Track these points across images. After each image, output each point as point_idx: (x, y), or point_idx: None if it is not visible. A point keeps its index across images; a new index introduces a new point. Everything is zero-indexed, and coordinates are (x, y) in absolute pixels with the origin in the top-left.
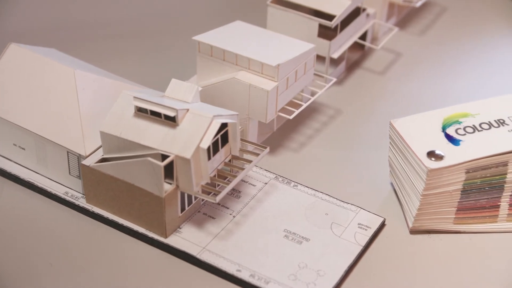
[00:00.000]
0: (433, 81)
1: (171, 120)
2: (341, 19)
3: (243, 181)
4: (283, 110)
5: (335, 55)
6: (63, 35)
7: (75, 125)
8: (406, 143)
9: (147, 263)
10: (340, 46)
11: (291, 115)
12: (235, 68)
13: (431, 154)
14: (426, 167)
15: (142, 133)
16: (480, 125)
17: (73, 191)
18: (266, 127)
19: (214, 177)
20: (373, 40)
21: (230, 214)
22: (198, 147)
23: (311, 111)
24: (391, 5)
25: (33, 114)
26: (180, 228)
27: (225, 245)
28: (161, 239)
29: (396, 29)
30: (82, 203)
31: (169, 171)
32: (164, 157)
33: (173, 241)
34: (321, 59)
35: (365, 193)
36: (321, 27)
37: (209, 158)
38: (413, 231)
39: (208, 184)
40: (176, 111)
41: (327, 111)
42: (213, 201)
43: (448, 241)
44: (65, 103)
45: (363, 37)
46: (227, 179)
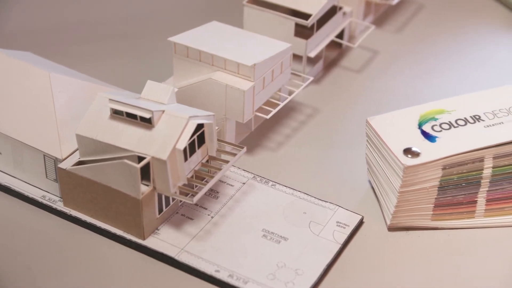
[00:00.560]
0: (410, 78)
1: (147, 121)
2: (318, 18)
3: (221, 181)
4: (260, 109)
5: (312, 54)
6: (38, 39)
7: (51, 128)
8: (382, 140)
9: (125, 265)
10: (317, 45)
11: (268, 115)
12: (212, 68)
13: (407, 151)
14: (402, 164)
15: (118, 135)
16: (456, 121)
17: (51, 195)
18: (244, 127)
19: (191, 178)
20: (351, 38)
21: (208, 214)
22: (174, 148)
23: (289, 110)
24: (368, 3)
25: (9, 118)
26: (158, 229)
27: (203, 246)
28: (139, 241)
29: (372, 27)
30: (59, 206)
31: (146, 173)
32: (140, 159)
33: (151, 242)
34: (298, 58)
35: (343, 191)
36: (298, 26)
37: (186, 159)
38: (391, 228)
39: (185, 185)
40: (151, 112)
41: (305, 110)
42: (190, 202)
43: (426, 238)
44: (41, 106)
45: (340, 36)
46: (204, 180)
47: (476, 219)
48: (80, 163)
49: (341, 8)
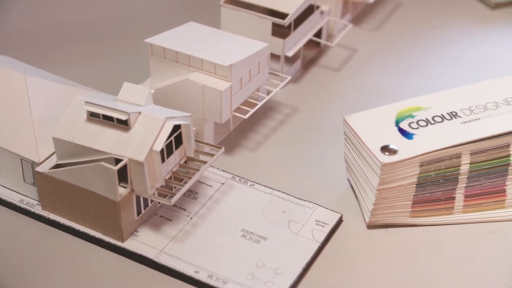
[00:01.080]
0: (389, 76)
1: (124, 123)
2: (295, 17)
3: (200, 182)
4: (238, 109)
5: (290, 53)
6: (14, 42)
7: (28, 132)
8: (360, 138)
9: (104, 268)
10: (294, 44)
11: (246, 115)
12: (188, 69)
13: (384, 148)
14: (380, 162)
15: (95, 137)
16: (433, 118)
17: (29, 199)
18: (222, 127)
19: (169, 179)
20: (329, 37)
21: (187, 215)
22: (151, 150)
23: (268, 109)
24: (346, 2)
25: None
26: (137, 231)
27: (182, 247)
28: (118, 243)
29: (350, 26)
30: (38, 210)
31: (123, 175)
32: (117, 161)
33: (130, 245)
34: (276, 57)
35: (322, 190)
36: (276, 25)
37: (163, 160)
38: (370, 226)
39: (163, 186)
40: (128, 114)
41: (283, 109)
42: (168, 203)
43: (405, 235)
44: (17, 110)
45: (318, 35)
46: (183, 181)
47: (454, 215)
48: (57, 166)
49: (318, 7)
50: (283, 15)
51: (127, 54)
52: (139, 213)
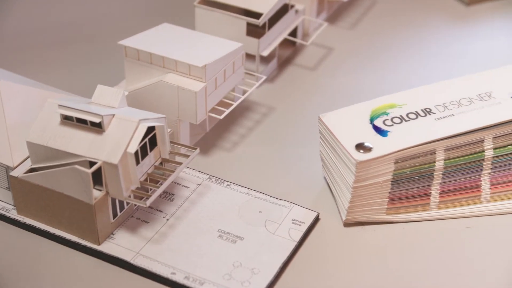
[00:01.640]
0: (364, 74)
1: (97, 126)
2: (269, 16)
3: (176, 183)
4: (214, 110)
5: (265, 53)
6: None
7: (1, 136)
8: (335, 136)
9: (81, 272)
10: (269, 43)
11: (221, 115)
12: (163, 70)
13: (359, 146)
14: (354, 160)
15: (68, 141)
16: (407, 115)
17: (4, 203)
18: (198, 128)
19: (145, 181)
20: (305, 36)
21: (163, 217)
22: (125, 152)
23: (244, 109)
24: (321, 1)
25: None
26: (113, 234)
27: (159, 249)
28: (94, 246)
29: (325, 24)
30: (13, 214)
31: (98, 178)
32: (92, 163)
33: (106, 248)
34: (252, 57)
35: (299, 189)
36: (251, 25)
37: (138, 162)
38: (347, 224)
39: (139, 188)
40: (101, 117)
41: (259, 109)
42: (144, 205)
43: (381, 232)
44: None
45: (294, 34)
46: (159, 183)
47: (430, 212)
48: (32, 170)
49: (293, 6)
50: (257, 15)
51: (102, 56)
52: (115, 215)
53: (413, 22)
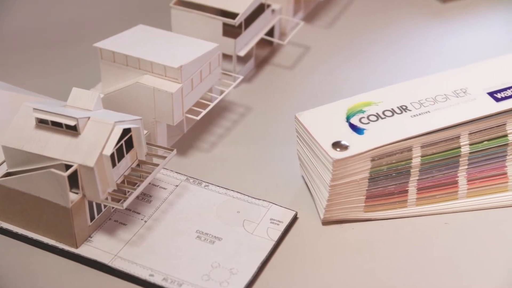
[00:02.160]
0: (342, 72)
1: (73, 129)
2: (245, 16)
3: (154, 185)
4: (191, 111)
5: (242, 53)
6: None
7: None
8: (311, 135)
9: (59, 275)
10: (246, 43)
11: (198, 116)
12: (139, 72)
13: (336, 144)
14: (331, 158)
15: (44, 144)
16: (383, 112)
17: None
18: (176, 129)
19: (122, 183)
20: (282, 35)
21: (141, 219)
22: (101, 155)
23: (222, 110)
24: (297, 0)
25: None
26: (91, 237)
27: (137, 251)
28: (72, 249)
29: (302, 23)
30: None
31: (75, 181)
32: (68, 167)
33: (84, 251)
34: (230, 58)
35: (277, 188)
36: (227, 26)
37: (114, 165)
38: (325, 222)
39: (116, 191)
40: (76, 120)
41: (237, 109)
42: (121, 208)
43: (360, 230)
44: None
45: (271, 33)
46: (136, 185)
47: (408, 208)
48: (8, 174)
49: (269, 5)
50: (233, 15)
51: (78, 59)
52: (92, 218)
53: (389, 20)
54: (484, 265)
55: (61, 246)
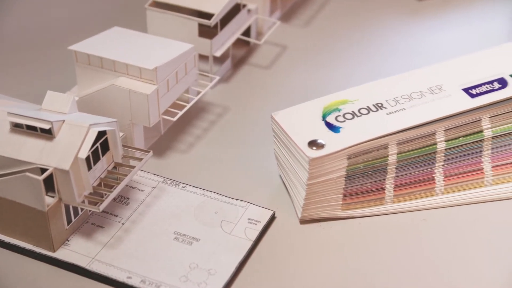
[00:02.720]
0: (318, 71)
1: (47, 132)
2: (220, 17)
3: (131, 187)
4: (167, 112)
5: (218, 53)
6: None
7: None
8: (287, 134)
9: (36, 279)
10: (222, 44)
11: (175, 117)
12: (114, 74)
13: (312, 143)
14: (307, 157)
15: (19, 148)
16: (359, 110)
17: None
18: (153, 130)
19: (98, 186)
20: (259, 35)
21: (119, 221)
22: (76, 158)
23: (199, 110)
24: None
25: None
26: (68, 240)
27: (115, 254)
28: (49, 253)
29: (278, 23)
30: None
31: (50, 184)
32: (43, 170)
33: (61, 254)
34: (206, 58)
35: (254, 188)
36: (203, 26)
37: (90, 167)
38: (303, 221)
39: (93, 194)
40: (51, 123)
41: (214, 109)
42: (97, 211)
43: (338, 228)
44: None
45: (248, 33)
46: (113, 187)
47: (385, 206)
48: None
49: (245, 5)
50: (209, 16)
51: (53, 62)
52: (69, 222)
53: (366, 18)
54: (462, 260)
55: (38, 250)
